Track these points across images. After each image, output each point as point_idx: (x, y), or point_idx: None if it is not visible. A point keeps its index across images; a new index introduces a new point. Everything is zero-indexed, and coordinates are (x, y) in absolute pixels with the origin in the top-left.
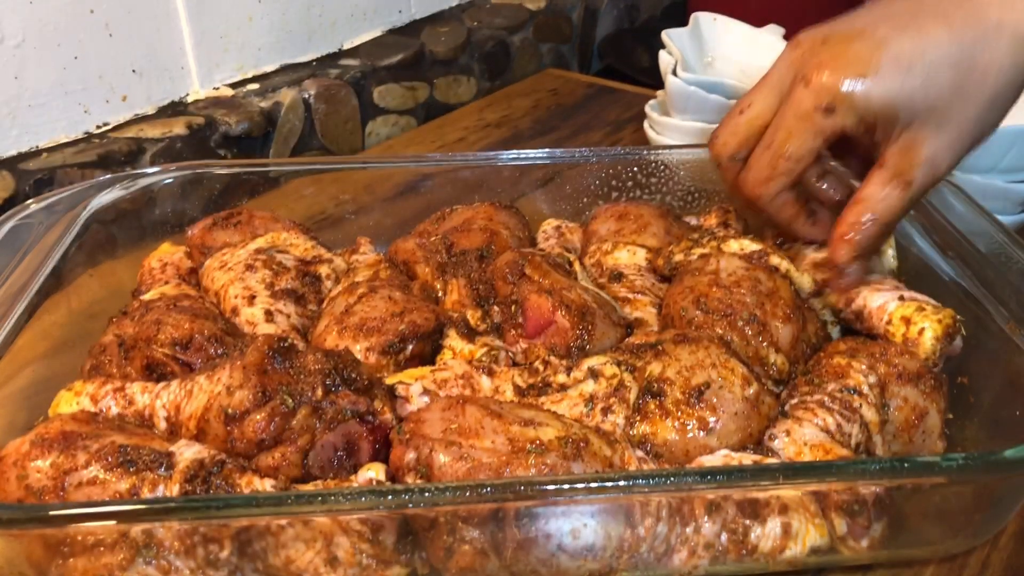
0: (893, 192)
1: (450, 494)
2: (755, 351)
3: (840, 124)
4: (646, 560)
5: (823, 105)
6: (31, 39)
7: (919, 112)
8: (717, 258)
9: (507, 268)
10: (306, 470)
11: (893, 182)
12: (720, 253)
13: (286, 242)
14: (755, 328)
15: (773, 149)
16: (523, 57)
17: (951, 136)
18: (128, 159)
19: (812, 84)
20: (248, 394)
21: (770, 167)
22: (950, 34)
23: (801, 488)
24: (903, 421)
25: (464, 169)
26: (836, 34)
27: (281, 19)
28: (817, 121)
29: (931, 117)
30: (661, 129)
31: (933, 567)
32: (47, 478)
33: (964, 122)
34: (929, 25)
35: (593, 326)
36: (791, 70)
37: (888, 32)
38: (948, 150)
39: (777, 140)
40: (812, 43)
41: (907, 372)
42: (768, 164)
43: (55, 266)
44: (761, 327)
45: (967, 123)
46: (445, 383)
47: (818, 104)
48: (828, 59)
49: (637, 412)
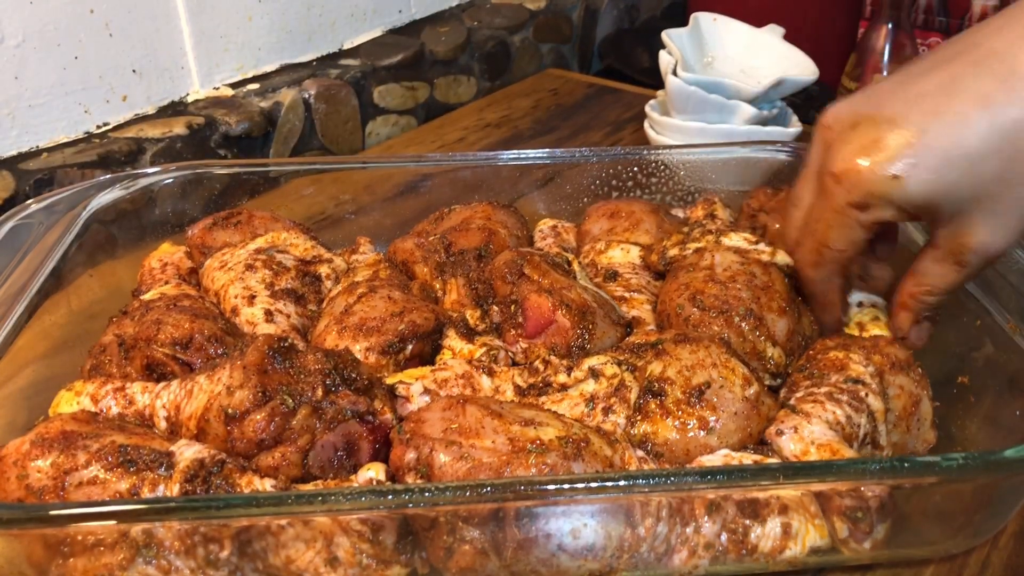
0: (947, 270)
1: (450, 494)
2: (752, 346)
3: (878, 217)
4: (646, 560)
5: (856, 202)
6: (31, 39)
7: (964, 203)
8: (712, 252)
9: (506, 268)
10: (306, 470)
11: (946, 262)
12: (716, 247)
13: (286, 242)
14: (751, 323)
15: (816, 237)
16: (523, 57)
17: (1003, 220)
18: (128, 159)
19: (843, 181)
20: (248, 394)
21: (816, 253)
22: (991, 119)
23: (801, 488)
24: (901, 409)
25: (464, 169)
26: (866, 119)
27: (281, 19)
28: (852, 216)
29: (978, 206)
30: (661, 129)
31: (933, 567)
32: (47, 478)
33: (1014, 207)
34: (967, 109)
35: (594, 325)
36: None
37: (922, 119)
38: (1002, 234)
39: (819, 231)
40: (841, 128)
41: (899, 361)
42: (814, 250)
43: (55, 266)
44: (758, 321)
45: (1018, 207)
46: (445, 383)
47: (851, 201)
48: (858, 151)
49: (638, 412)
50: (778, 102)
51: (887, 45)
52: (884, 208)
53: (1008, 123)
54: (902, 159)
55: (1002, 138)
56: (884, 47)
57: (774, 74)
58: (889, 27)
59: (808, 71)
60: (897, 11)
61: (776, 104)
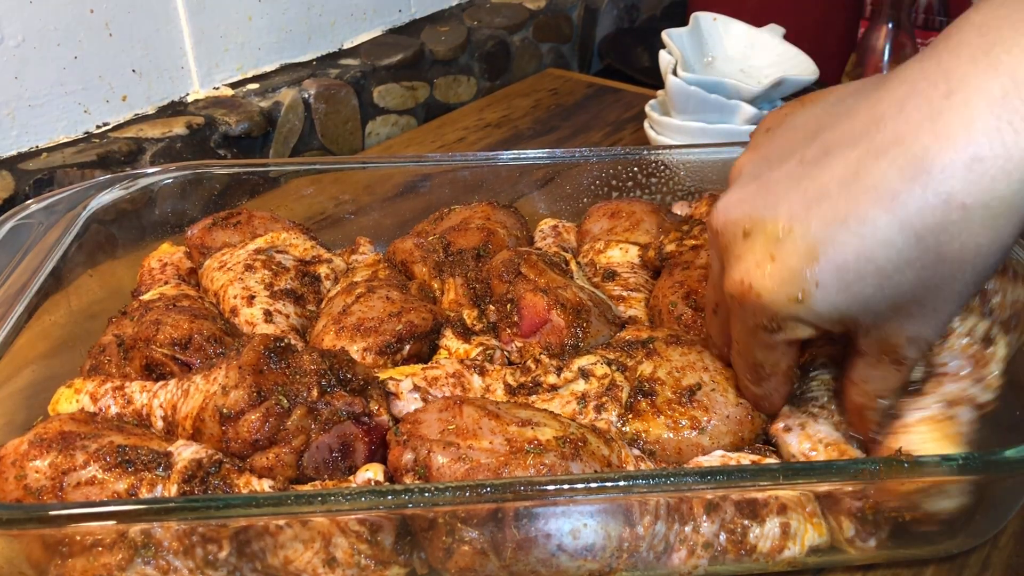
0: (887, 372)
1: (449, 494)
2: None
3: (793, 336)
4: (645, 559)
5: (764, 325)
6: (31, 39)
7: (883, 314)
8: (709, 250)
9: (503, 267)
10: (301, 471)
11: (882, 364)
12: None
13: (285, 242)
14: None
15: (745, 358)
16: (523, 57)
17: (929, 318)
18: (128, 159)
19: (744, 304)
20: (243, 394)
21: (752, 372)
22: (902, 226)
23: (800, 489)
24: None
25: (464, 169)
26: (758, 226)
27: (281, 19)
28: (766, 339)
29: (899, 313)
30: (661, 129)
31: (933, 567)
32: (45, 478)
33: (945, 304)
34: (873, 213)
35: (588, 324)
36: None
37: (821, 228)
38: (934, 326)
39: (743, 351)
40: (733, 235)
41: None
42: (749, 369)
43: (55, 266)
44: None
45: (949, 303)
46: (436, 381)
47: (758, 324)
48: (753, 268)
49: (629, 410)
50: (778, 102)
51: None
52: (796, 328)
53: (921, 227)
54: (803, 278)
55: (920, 246)
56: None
57: (774, 74)
58: (889, 27)
59: (808, 71)
60: (897, 11)
61: (776, 104)
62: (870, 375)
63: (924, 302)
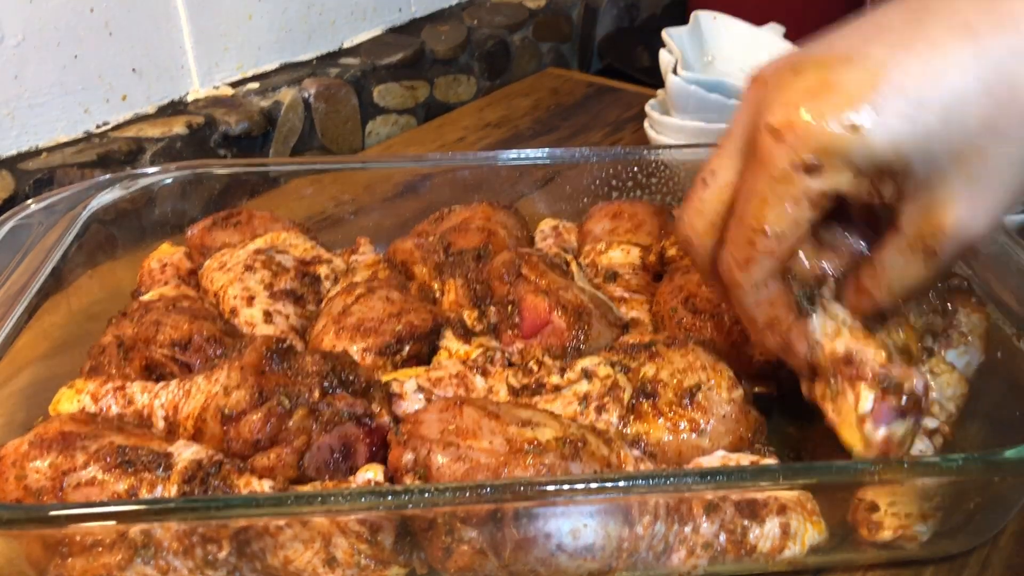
0: (913, 262)
1: (449, 495)
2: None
3: (831, 186)
4: (645, 559)
5: (804, 162)
6: (31, 39)
7: (940, 161)
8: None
9: (504, 268)
10: (302, 471)
11: (913, 251)
12: None
13: (285, 242)
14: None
15: (748, 223)
16: (523, 56)
17: (986, 190)
18: (128, 159)
19: (785, 136)
20: (245, 394)
21: (748, 245)
22: (976, 49)
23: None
24: None
25: (464, 169)
26: (811, 60)
27: (281, 18)
28: (798, 184)
29: (957, 167)
30: (661, 129)
31: (933, 567)
32: (45, 478)
33: (1003, 170)
34: (945, 39)
35: (589, 326)
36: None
37: (887, 53)
38: (984, 210)
39: (751, 212)
40: (779, 75)
41: None
42: (745, 242)
43: (55, 266)
44: None
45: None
46: (439, 382)
47: (796, 161)
48: (803, 96)
49: (631, 412)
50: None
51: None
52: (839, 171)
53: (1002, 55)
54: (863, 103)
55: (994, 72)
56: None
57: None
58: None
59: None
60: None
61: None
62: (894, 261)
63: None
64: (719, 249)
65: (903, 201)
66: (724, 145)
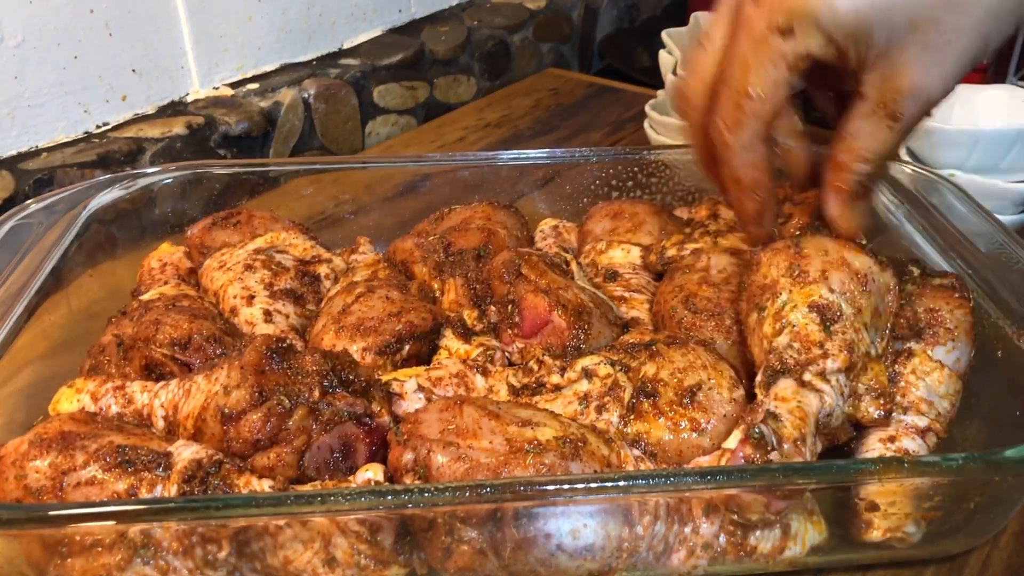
0: (879, 127)
1: (449, 494)
2: (741, 352)
3: (803, 48)
4: (645, 560)
5: (778, 25)
6: (31, 39)
7: (899, 29)
8: (708, 254)
9: (503, 268)
10: (302, 471)
11: (877, 115)
12: (713, 248)
13: (285, 242)
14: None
15: (732, 85)
16: (523, 57)
17: (941, 57)
18: (128, 159)
19: (763, 2)
20: (245, 394)
21: (735, 108)
22: None
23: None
24: None
25: (464, 169)
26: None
27: (281, 19)
28: (775, 46)
29: (914, 34)
30: (661, 129)
31: (933, 567)
32: (45, 478)
33: (957, 38)
34: None
35: (589, 326)
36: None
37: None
38: (938, 75)
39: (735, 75)
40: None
41: None
42: (733, 105)
43: (55, 266)
44: None
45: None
46: (440, 381)
47: (772, 24)
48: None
49: (631, 411)
50: None
51: None
52: (809, 34)
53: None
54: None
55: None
56: None
57: None
58: None
59: None
60: None
61: None
62: (861, 128)
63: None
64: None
65: (866, 70)
66: (719, 11)
